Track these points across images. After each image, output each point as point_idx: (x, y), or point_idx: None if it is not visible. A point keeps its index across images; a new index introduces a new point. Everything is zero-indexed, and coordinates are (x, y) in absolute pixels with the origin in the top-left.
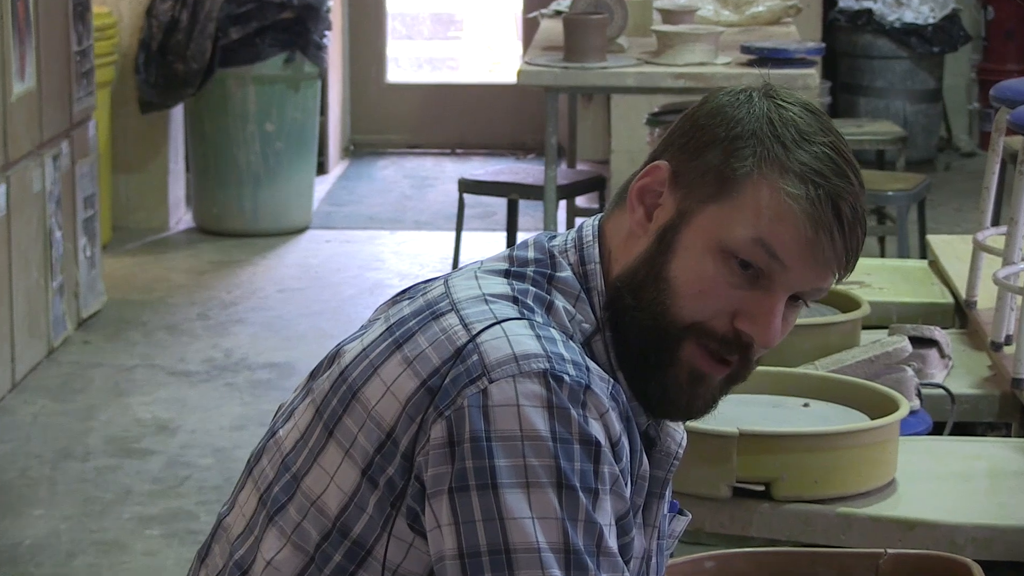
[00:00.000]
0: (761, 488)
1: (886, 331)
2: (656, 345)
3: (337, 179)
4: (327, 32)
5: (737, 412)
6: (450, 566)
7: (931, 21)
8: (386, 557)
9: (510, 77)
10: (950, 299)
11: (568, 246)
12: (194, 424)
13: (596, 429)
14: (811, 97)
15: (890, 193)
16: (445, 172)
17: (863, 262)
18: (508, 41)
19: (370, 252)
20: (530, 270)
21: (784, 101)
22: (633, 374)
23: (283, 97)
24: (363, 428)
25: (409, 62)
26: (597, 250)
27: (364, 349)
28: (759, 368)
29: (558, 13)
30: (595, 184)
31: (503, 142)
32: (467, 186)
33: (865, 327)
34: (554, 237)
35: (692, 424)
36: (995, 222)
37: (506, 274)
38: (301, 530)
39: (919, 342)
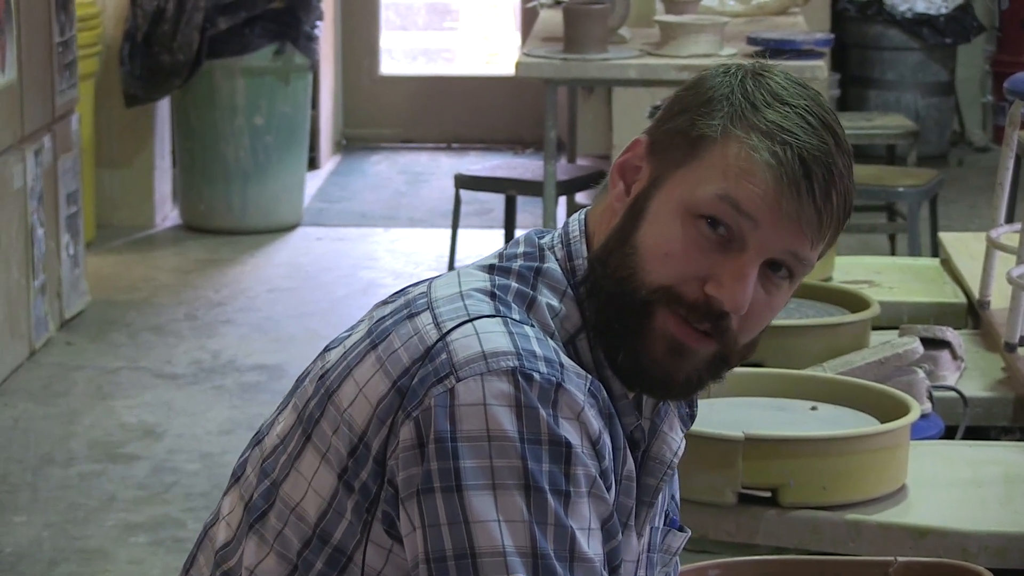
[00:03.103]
0: (767, 494)
1: (896, 332)
2: (626, 312)
3: (329, 175)
4: (318, 22)
5: (743, 416)
6: (421, 571)
7: (943, 11)
8: (366, 563)
9: (508, 69)
10: (963, 299)
11: (555, 242)
12: (181, 428)
13: (568, 429)
14: (820, 89)
15: (901, 189)
16: (440, 167)
17: (873, 260)
18: (506, 32)
19: (363, 250)
20: (517, 264)
21: (767, 71)
22: (610, 349)
23: (273, 90)
24: (337, 432)
25: (403, 53)
26: (584, 245)
27: (345, 352)
28: (765, 370)
29: (558, 3)
30: (595, 180)
31: (500, 136)
32: (463, 182)
33: (875, 328)
34: (545, 234)
35: (696, 428)
36: (1009, 219)
37: (491, 269)
38: (283, 538)
39: (931, 343)
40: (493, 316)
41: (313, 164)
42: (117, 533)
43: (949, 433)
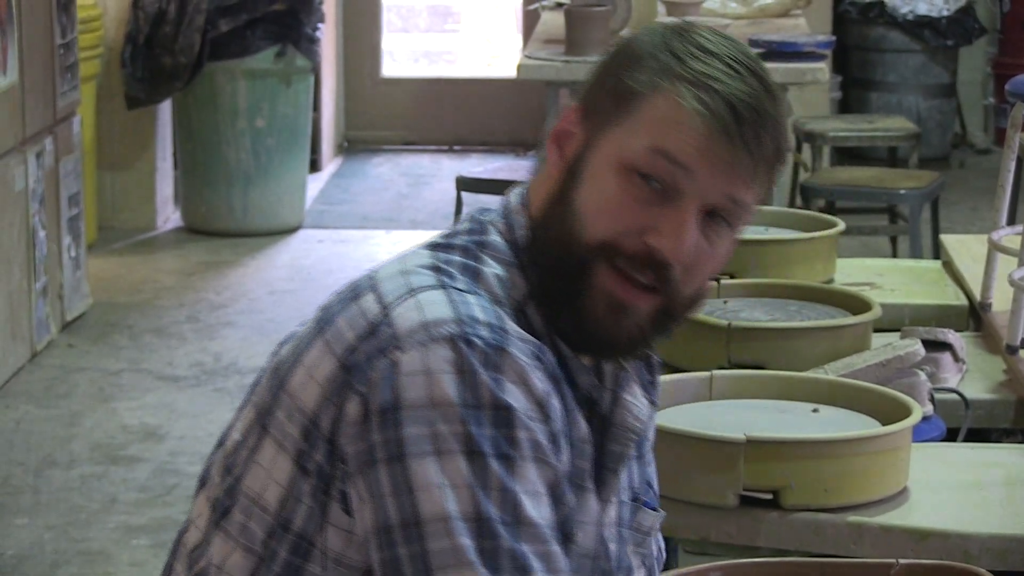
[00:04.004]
0: (769, 496)
1: (898, 334)
2: (566, 273)
3: (330, 177)
4: (320, 24)
5: (744, 418)
6: (372, 544)
7: (945, 13)
8: (328, 547)
9: (510, 71)
10: (964, 301)
11: (497, 217)
12: (182, 430)
13: (512, 393)
14: (821, 91)
15: (902, 191)
16: (442, 170)
17: (874, 263)
18: (507, 34)
19: (364, 253)
20: (460, 240)
21: (691, 27)
22: (554, 312)
23: (274, 92)
24: (291, 418)
25: (405, 56)
26: (525, 216)
27: (297, 343)
28: (767, 372)
29: (559, 5)
30: None
31: (502, 138)
32: (465, 184)
33: (876, 330)
34: (488, 212)
35: (697, 430)
36: (1011, 221)
37: (435, 247)
38: (247, 531)
39: (932, 345)
40: (436, 288)
41: (315, 166)
42: (119, 535)
43: (951, 435)
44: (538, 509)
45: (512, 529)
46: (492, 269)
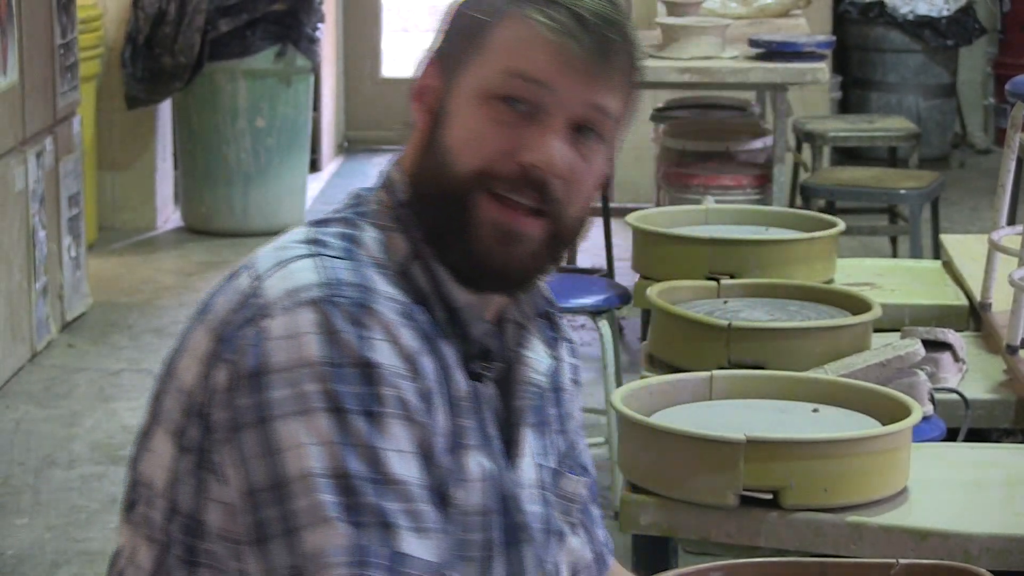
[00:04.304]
0: (769, 496)
1: (898, 334)
2: (448, 210)
3: (331, 177)
4: (320, 24)
5: (744, 418)
6: (240, 509)
7: (945, 13)
8: (212, 523)
9: None
10: (964, 301)
11: (376, 185)
12: None
13: (378, 350)
14: (822, 91)
15: (903, 191)
16: None
17: (874, 263)
18: None
19: None
20: (340, 214)
21: None
22: (445, 254)
23: (274, 92)
24: (174, 399)
25: (405, 56)
26: (401, 175)
27: (184, 330)
28: (767, 372)
29: None
30: None
31: None
32: None
33: (876, 330)
34: (369, 189)
35: (697, 430)
36: (1011, 221)
37: (314, 223)
38: (149, 520)
39: (932, 345)
40: (307, 256)
41: (315, 166)
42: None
43: (951, 435)
44: (405, 467)
45: (376, 486)
46: (370, 234)
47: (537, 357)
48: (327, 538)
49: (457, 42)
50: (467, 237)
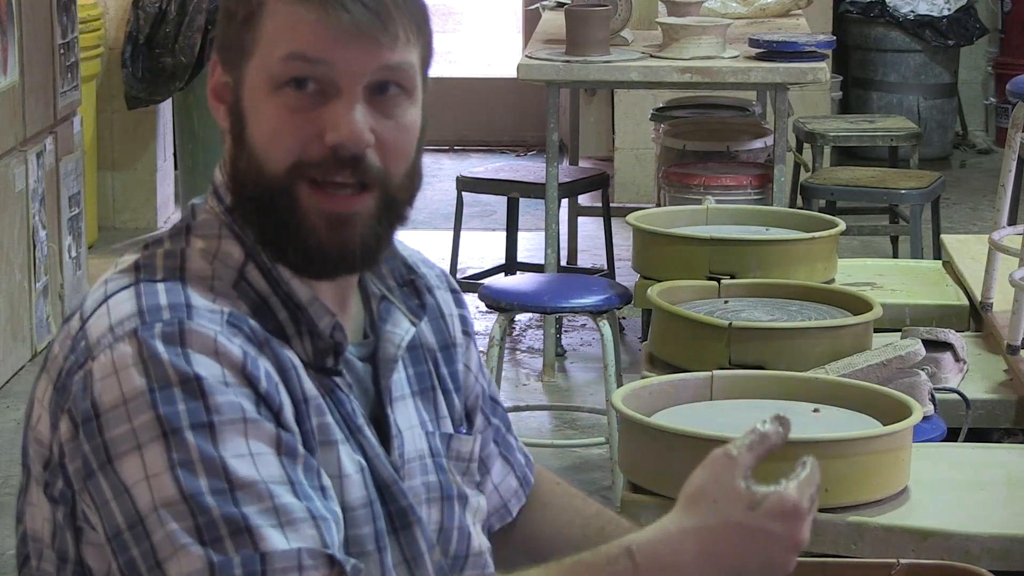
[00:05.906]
0: None
1: (899, 334)
2: (273, 207)
3: None
4: None
5: (745, 418)
6: (111, 553)
7: (946, 13)
8: (100, 569)
9: (510, 71)
10: (965, 301)
11: (207, 195)
12: None
13: (202, 363)
14: (821, 91)
15: (903, 191)
16: (443, 169)
17: (875, 263)
18: (508, 34)
19: None
20: (167, 233)
21: None
22: (280, 251)
23: None
24: (36, 452)
25: None
26: (223, 185)
27: (35, 379)
28: (768, 372)
29: (560, 5)
30: (598, 182)
31: (503, 138)
32: (466, 184)
33: (877, 330)
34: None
35: (698, 431)
36: (1012, 221)
37: (144, 246)
38: (42, 572)
39: (933, 345)
40: (127, 287)
41: None
42: None
43: (951, 435)
44: (251, 468)
45: (225, 496)
46: (199, 247)
47: (395, 330)
48: (184, 565)
49: (233, 37)
50: (298, 231)
